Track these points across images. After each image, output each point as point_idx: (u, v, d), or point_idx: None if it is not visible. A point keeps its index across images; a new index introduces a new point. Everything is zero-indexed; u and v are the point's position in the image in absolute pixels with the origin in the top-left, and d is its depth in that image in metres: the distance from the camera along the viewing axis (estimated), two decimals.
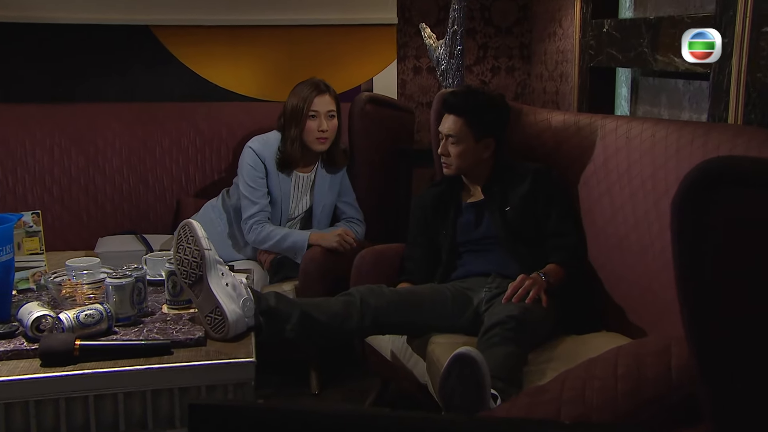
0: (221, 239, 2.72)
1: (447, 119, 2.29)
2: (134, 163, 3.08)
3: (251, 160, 2.66)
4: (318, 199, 2.75)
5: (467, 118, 2.25)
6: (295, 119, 2.65)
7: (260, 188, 2.65)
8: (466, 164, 2.28)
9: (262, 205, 2.65)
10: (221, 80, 3.42)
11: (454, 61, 2.91)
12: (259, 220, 2.64)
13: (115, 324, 1.80)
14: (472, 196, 2.36)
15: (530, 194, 2.24)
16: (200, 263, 1.79)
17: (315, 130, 2.66)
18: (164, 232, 3.01)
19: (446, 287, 2.22)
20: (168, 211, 3.09)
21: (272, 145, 2.69)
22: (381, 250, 2.47)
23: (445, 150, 2.29)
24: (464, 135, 2.25)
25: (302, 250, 2.60)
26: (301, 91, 2.67)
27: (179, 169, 3.10)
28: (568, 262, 2.17)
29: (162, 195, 3.09)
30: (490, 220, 2.28)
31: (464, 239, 2.32)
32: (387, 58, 3.52)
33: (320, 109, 2.66)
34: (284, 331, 1.94)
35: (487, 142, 2.29)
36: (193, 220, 1.86)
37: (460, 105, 2.26)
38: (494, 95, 2.34)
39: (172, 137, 3.11)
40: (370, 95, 3.00)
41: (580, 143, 2.30)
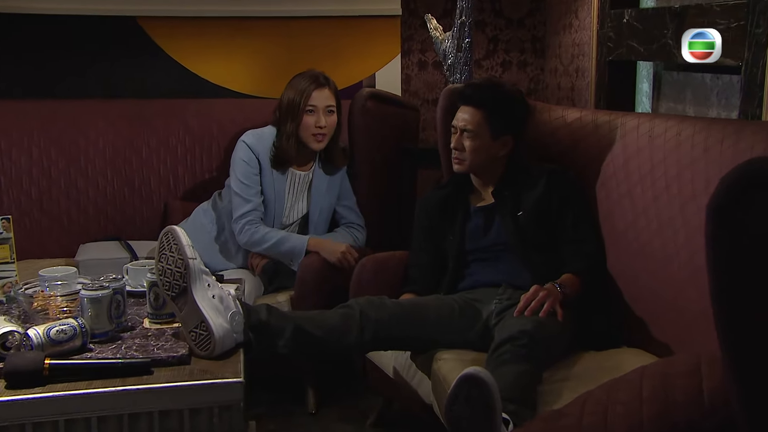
0: (212, 246, 2.71)
1: (464, 111, 2.28)
2: (119, 164, 3.06)
3: (244, 155, 2.64)
4: (315, 201, 2.73)
5: (486, 112, 2.24)
6: (291, 113, 2.63)
7: (254, 185, 2.63)
8: (480, 161, 2.27)
9: (256, 203, 2.62)
10: (213, 75, 3.42)
11: (462, 55, 2.92)
12: (252, 220, 2.61)
13: (91, 340, 1.75)
14: (481, 199, 2.35)
15: (544, 197, 2.23)
16: (184, 274, 1.75)
17: (312, 125, 2.64)
18: (151, 238, 2.94)
19: (453, 299, 2.20)
20: (155, 215, 3.07)
21: (267, 140, 2.67)
22: (383, 258, 2.45)
23: (459, 144, 2.28)
24: (482, 129, 2.25)
25: (299, 256, 2.57)
26: (298, 83, 2.65)
27: (167, 170, 3.09)
28: (586, 272, 2.15)
29: (149, 198, 3.07)
30: (501, 226, 2.26)
31: (473, 246, 2.30)
32: (390, 51, 3.52)
33: (318, 104, 2.64)
34: (276, 347, 1.91)
35: (504, 141, 2.28)
36: (177, 227, 1.82)
37: (479, 97, 2.26)
38: (515, 91, 2.34)
39: (160, 136, 3.09)
40: (371, 91, 2.98)
41: (598, 143, 2.28)
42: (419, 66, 3.65)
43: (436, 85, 3.65)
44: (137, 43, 3.34)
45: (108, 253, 2.80)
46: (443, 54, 2.99)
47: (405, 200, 3.06)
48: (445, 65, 3.00)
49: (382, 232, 2.90)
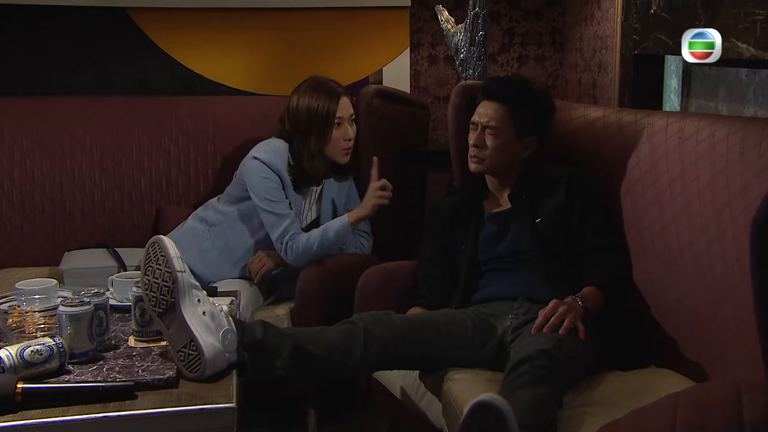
0: (207, 255, 2.70)
1: (487, 106, 2.27)
2: (107, 166, 3.06)
3: (264, 173, 2.61)
4: (325, 210, 2.74)
5: (512, 109, 2.24)
6: (316, 129, 2.61)
7: (282, 199, 2.62)
8: (501, 162, 2.27)
9: (291, 216, 2.61)
10: (208, 71, 3.43)
11: (476, 49, 2.93)
12: (294, 234, 2.59)
13: (69, 361, 1.71)
14: (497, 204, 2.34)
15: (565, 204, 2.23)
16: (172, 288, 1.73)
17: (341, 140, 2.64)
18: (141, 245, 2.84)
19: (465, 313, 2.19)
20: (146, 221, 3.07)
21: (281, 155, 2.65)
22: (390, 269, 2.45)
23: (480, 141, 2.27)
24: (506, 126, 2.25)
25: (348, 236, 2.62)
26: (317, 91, 2.62)
27: (159, 173, 3.08)
28: (610, 284, 2.13)
29: (139, 202, 3.07)
30: (518, 234, 2.26)
31: (487, 256, 2.29)
32: (398, 45, 3.52)
33: (344, 114, 2.64)
34: (273, 368, 1.90)
35: (528, 141, 2.28)
36: (164, 237, 1.81)
37: (505, 92, 2.26)
38: (541, 88, 2.36)
39: (152, 136, 3.09)
40: (378, 89, 2.97)
41: (622, 144, 2.27)
42: (429, 61, 3.64)
43: (447, 81, 3.64)
44: (127, 36, 3.34)
45: (95, 261, 2.79)
46: (455, 48, 2.99)
47: (414, 206, 3.08)
48: (457, 60, 3.00)
49: (390, 241, 2.89)
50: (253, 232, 2.69)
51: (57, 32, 3.32)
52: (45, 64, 3.34)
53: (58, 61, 3.35)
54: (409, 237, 2.87)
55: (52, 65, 3.35)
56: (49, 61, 3.34)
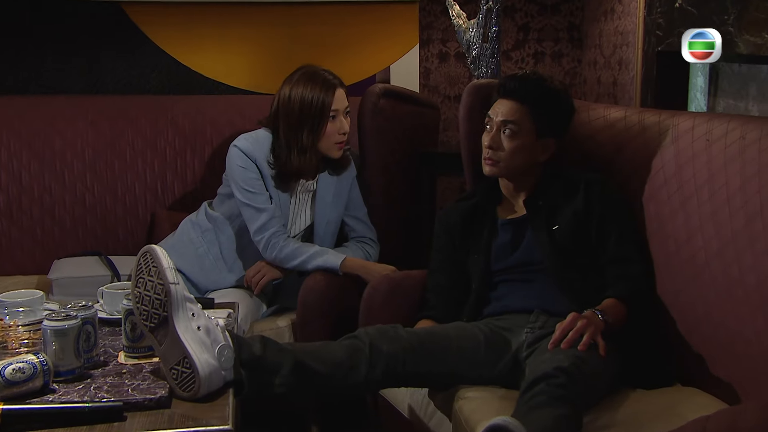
0: (202, 263, 2.70)
1: (504, 104, 2.25)
2: (100, 169, 3.06)
3: (240, 161, 2.61)
4: (321, 212, 2.71)
5: (531, 108, 2.23)
6: (309, 123, 2.58)
7: (261, 191, 2.60)
8: (518, 164, 2.25)
9: (271, 210, 2.59)
10: (207, 68, 3.42)
11: (489, 45, 2.93)
12: (276, 232, 2.58)
13: (54, 380, 1.70)
14: (511, 211, 2.34)
15: (583, 210, 2.21)
16: (164, 301, 1.72)
17: (335, 133, 2.61)
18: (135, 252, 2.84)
19: (477, 327, 2.18)
20: (140, 227, 3.07)
21: (263, 145, 2.64)
22: (397, 279, 2.45)
23: (496, 141, 2.24)
24: (525, 126, 2.23)
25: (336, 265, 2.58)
26: (311, 82, 2.60)
27: (154, 176, 3.09)
28: (632, 297, 2.11)
29: (133, 207, 3.07)
30: (534, 242, 2.24)
31: (501, 266, 2.28)
32: (407, 42, 3.52)
33: (340, 106, 2.61)
34: (272, 385, 1.88)
35: (546, 143, 2.26)
36: (156, 247, 1.80)
37: (524, 90, 2.24)
38: (561, 86, 2.34)
39: (147, 137, 3.09)
40: (385, 88, 2.94)
41: (645, 147, 2.26)
42: (440, 58, 3.63)
43: (458, 80, 3.63)
44: (121, 31, 3.34)
45: (86, 270, 2.79)
46: (467, 44, 2.98)
47: (423, 212, 3.06)
48: (469, 57, 3.00)
49: (397, 249, 2.87)
50: (242, 234, 2.67)
51: (46, 27, 3.32)
52: (33, 60, 3.33)
53: (47, 57, 3.34)
54: (418, 245, 2.88)
55: (41, 62, 3.34)
56: (38, 58, 3.33)
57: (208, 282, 2.66)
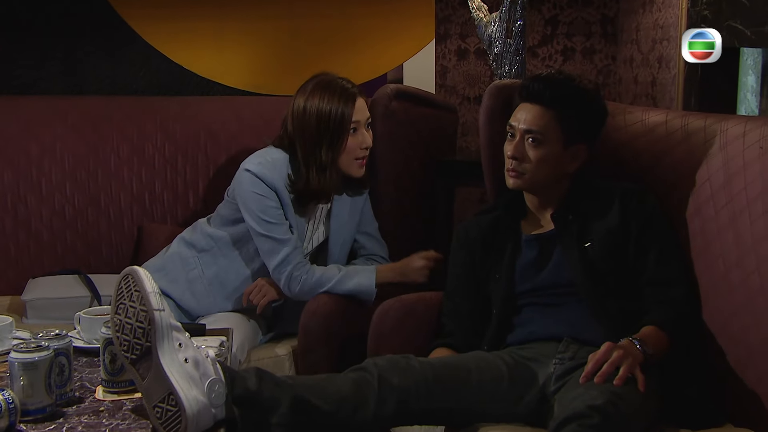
0: (195, 286, 2.70)
1: (527, 110, 2.25)
2: (81, 178, 3.07)
3: (257, 188, 2.58)
4: (336, 231, 2.72)
5: (558, 113, 2.22)
6: (328, 137, 2.57)
7: (281, 221, 2.59)
8: (544, 176, 2.25)
9: (293, 242, 2.58)
10: (200, 66, 3.45)
11: (513, 41, 2.93)
12: (299, 264, 2.58)
13: (22, 419, 1.68)
14: (537, 225, 2.33)
15: (619, 225, 2.21)
16: (148, 330, 1.71)
17: (357, 148, 2.60)
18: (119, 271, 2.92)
19: (500, 357, 2.17)
20: (125, 242, 3.08)
21: (280, 168, 2.61)
22: (410, 302, 2.45)
23: (520, 151, 2.23)
24: (551, 134, 2.22)
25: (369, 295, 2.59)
26: (328, 92, 2.58)
27: (142, 186, 3.10)
28: (674, 324, 2.10)
29: (118, 221, 3.08)
30: (563, 261, 2.24)
31: (526, 287, 2.27)
32: (421, 37, 3.52)
33: (361, 118, 2.60)
34: (269, 425, 1.86)
35: (576, 151, 2.25)
36: (140, 269, 1.79)
37: (549, 93, 2.23)
38: (591, 87, 2.34)
39: (133, 143, 3.10)
40: (397, 88, 2.93)
41: (689, 155, 2.25)
42: (458, 55, 3.62)
43: (479, 79, 3.62)
44: (105, 25, 3.36)
45: (63, 290, 2.79)
46: (488, 40, 2.98)
47: (439, 227, 3.05)
48: (490, 54, 3.00)
49: None
50: (248, 261, 2.66)
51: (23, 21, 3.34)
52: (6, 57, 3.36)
53: (22, 54, 3.37)
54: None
55: (16, 59, 3.37)
56: (12, 55, 3.37)
57: (200, 307, 2.66)
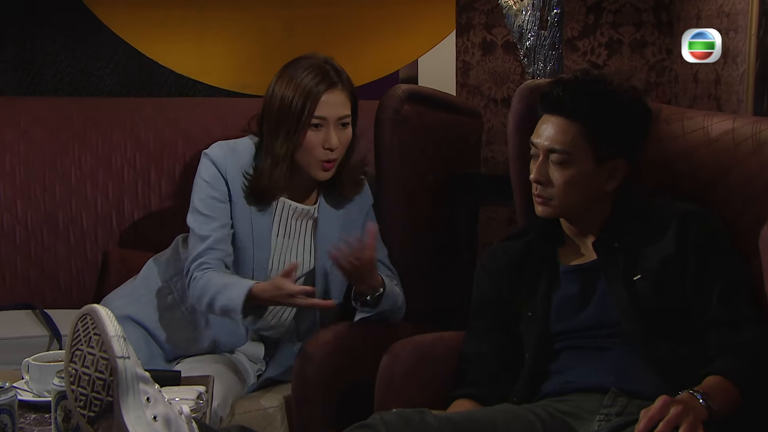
0: (172, 319, 2.71)
1: (549, 123, 2.24)
2: (35, 194, 3.09)
3: (207, 174, 2.65)
4: (323, 251, 2.69)
5: (585, 125, 2.20)
6: (285, 125, 2.61)
7: (217, 217, 2.63)
8: (576, 200, 2.24)
9: (216, 239, 2.60)
10: (179, 63, 3.54)
11: (548, 33, 2.95)
12: (204, 264, 2.58)
13: None
14: (577, 254, 2.32)
15: (676, 255, 2.18)
16: (108, 382, 1.68)
17: (318, 146, 2.60)
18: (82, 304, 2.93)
19: (533, 411, 2.14)
20: (88, 270, 3.09)
21: (242, 156, 2.67)
22: (426, 343, 2.46)
23: (543, 173, 2.23)
24: (580, 151, 2.20)
25: (236, 311, 2.51)
26: (297, 77, 2.62)
27: (108, 204, 3.11)
28: (744, 375, 2.07)
29: (79, 245, 3.09)
30: (608, 297, 2.22)
31: (564, 327, 2.26)
32: (440, 28, 3.55)
33: (329, 114, 2.60)
34: None
35: (613, 167, 2.23)
36: (100, 308, 1.77)
37: (571, 101, 2.21)
38: (627, 88, 2.31)
39: (98, 152, 3.12)
40: (410, 89, 2.92)
41: (761, 170, 2.25)
42: (483, 49, 3.62)
43: (508, 78, 3.63)
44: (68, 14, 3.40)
45: (14, 328, 2.81)
46: (519, 31, 3.00)
47: (459, 254, 3.05)
48: (521, 48, 3.02)
49: (425, 302, 2.85)
50: None
51: None
52: None
53: None
54: (453, 297, 2.86)
55: None
56: None
57: (178, 345, 2.66)
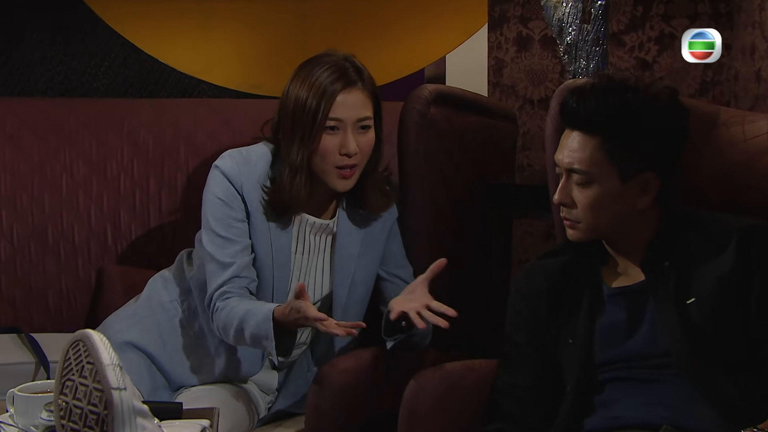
0: (176, 344, 2.72)
1: (569, 138, 2.24)
2: (21, 205, 3.10)
3: (219, 190, 2.64)
4: (342, 268, 2.71)
5: (604, 138, 2.19)
6: (300, 129, 2.60)
7: (237, 239, 2.62)
8: (605, 223, 2.25)
9: (240, 265, 2.60)
10: (181, 60, 3.58)
11: (591, 26, 2.95)
12: (226, 294, 2.58)
13: None
14: (623, 274, 2.32)
15: (737, 275, 2.18)
16: (103, 417, 1.72)
17: (334, 152, 2.59)
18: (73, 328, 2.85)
19: None
20: (81, 290, 3.09)
21: (257, 166, 2.67)
22: (454, 373, 2.46)
23: (566, 196, 2.24)
24: (600, 169, 2.20)
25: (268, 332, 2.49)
26: (313, 75, 2.62)
27: (102, 216, 3.11)
28: None
29: (71, 261, 3.10)
30: (659, 323, 2.22)
31: (610, 357, 2.26)
32: (470, 21, 3.59)
33: (346, 115, 2.59)
34: None
35: (643, 182, 2.22)
36: (94, 333, 1.79)
37: (584, 112, 2.20)
38: (658, 91, 2.27)
39: (92, 159, 3.13)
40: (437, 90, 2.91)
41: None
42: (519, 44, 3.65)
43: (546, 77, 3.65)
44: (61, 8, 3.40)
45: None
46: (559, 25, 3.01)
47: (492, 272, 3.07)
48: (561, 44, 3.02)
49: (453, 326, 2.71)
50: None
51: None
52: None
53: None
54: (485, 322, 2.87)
55: None
56: None
57: (183, 373, 2.67)
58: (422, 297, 2.49)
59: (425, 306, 2.46)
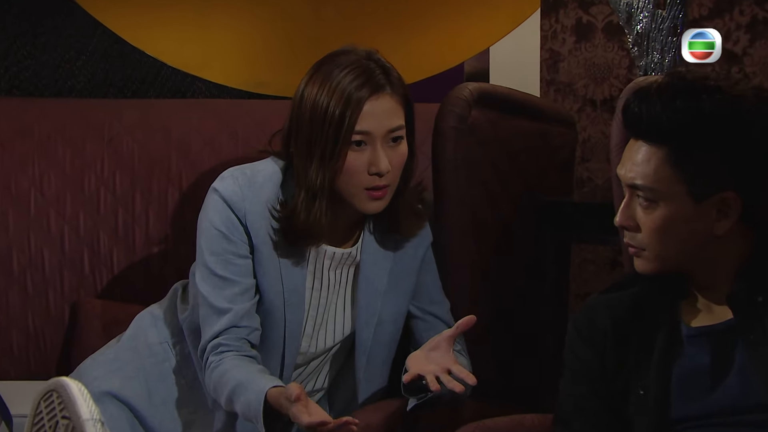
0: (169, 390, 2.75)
1: (632, 150, 2.22)
2: None
3: (220, 219, 2.64)
4: (366, 304, 2.71)
5: (672, 150, 2.16)
6: (320, 145, 2.59)
7: (238, 279, 2.63)
8: (677, 251, 2.21)
9: (238, 313, 2.60)
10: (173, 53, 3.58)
11: (667, 12, 2.97)
12: (221, 347, 2.59)
13: None
14: (705, 311, 2.28)
15: None
16: None
17: (363, 172, 2.58)
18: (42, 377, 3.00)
19: None
20: (52, 327, 3.12)
21: (264, 190, 2.66)
22: (499, 429, 2.47)
23: (627, 218, 2.22)
24: (668, 186, 2.18)
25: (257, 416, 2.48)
26: (334, 77, 2.61)
27: (79, 240, 3.15)
28: None
29: (40, 294, 3.13)
30: (752, 370, 2.19)
31: (689, 411, 2.23)
32: (519, 7, 3.62)
33: (375, 128, 2.58)
34: None
35: (721, 203, 2.18)
36: (70, 381, 1.83)
37: (652, 119, 2.17)
38: (742, 92, 2.23)
39: (66, 171, 3.17)
40: (480, 89, 2.93)
41: None
42: (577, 34, 3.69)
43: (610, 73, 3.67)
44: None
45: None
46: (627, 11, 3.03)
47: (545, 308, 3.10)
48: (630, 34, 3.05)
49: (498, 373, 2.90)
50: None
51: None
52: None
53: None
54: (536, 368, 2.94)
55: None
56: None
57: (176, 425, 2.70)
58: (444, 358, 2.49)
59: (446, 370, 2.45)
